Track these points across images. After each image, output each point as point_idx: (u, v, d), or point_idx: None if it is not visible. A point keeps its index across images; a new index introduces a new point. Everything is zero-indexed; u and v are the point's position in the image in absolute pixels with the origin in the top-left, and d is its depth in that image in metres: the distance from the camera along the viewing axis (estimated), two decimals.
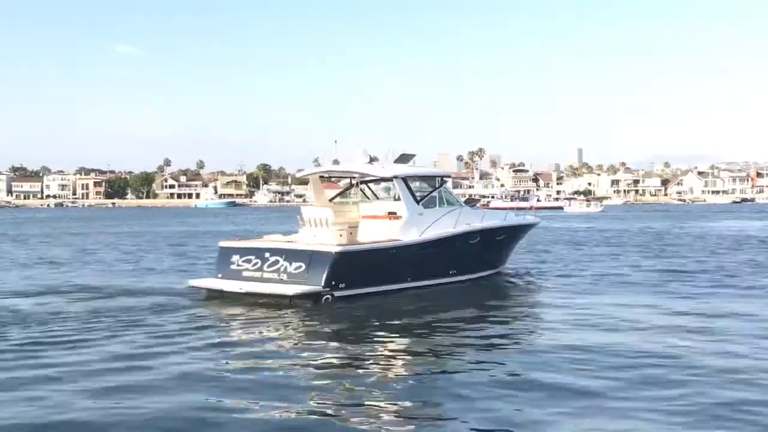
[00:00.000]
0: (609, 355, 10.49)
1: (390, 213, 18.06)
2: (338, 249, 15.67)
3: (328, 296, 15.38)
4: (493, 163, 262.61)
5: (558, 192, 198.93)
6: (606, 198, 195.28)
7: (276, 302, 15.08)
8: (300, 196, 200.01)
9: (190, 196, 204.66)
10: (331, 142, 18.83)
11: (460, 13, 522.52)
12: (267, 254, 16.21)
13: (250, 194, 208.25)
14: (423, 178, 19.05)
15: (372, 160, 18.65)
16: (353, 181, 19.36)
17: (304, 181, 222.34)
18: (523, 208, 25.58)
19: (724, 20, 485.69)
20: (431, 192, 18.53)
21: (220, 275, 16.64)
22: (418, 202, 17.98)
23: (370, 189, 19.48)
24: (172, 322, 13.20)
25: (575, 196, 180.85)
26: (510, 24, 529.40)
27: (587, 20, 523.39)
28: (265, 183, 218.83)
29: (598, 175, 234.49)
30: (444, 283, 17.85)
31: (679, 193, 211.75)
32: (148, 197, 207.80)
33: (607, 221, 68.52)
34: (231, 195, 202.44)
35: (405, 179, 18.06)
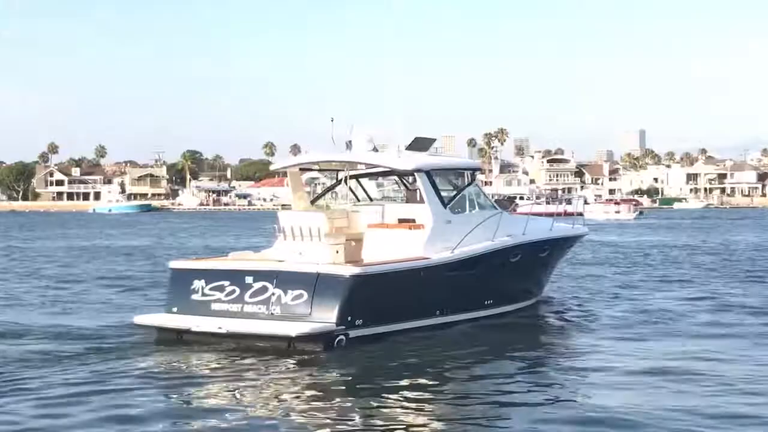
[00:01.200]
0: None
1: (404, 220, 18.48)
2: (356, 270, 15.92)
3: (342, 337, 15.67)
4: (520, 151, 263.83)
5: (611, 191, 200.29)
6: (680, 200, 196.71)
7: (267, 347, 15.30)
8: (244, 196, 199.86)
9: (86, 196, 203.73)
10: (301, 122, 19.68)
11: None
12: (249, 278, 16.38)
13: (173, 194, 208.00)
14: (452, 171, 19.57)
15: (375, 148, 19.16)
16: (340, 176, 19.81)
17: (249, 176, 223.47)
18: (560, 214, 26.65)
19: None
20: (461, 191, 19.02)
21: (175, 309, 16.88)
22: (445, 205, 18.36)
23: (362, 187, 20.09)
24: (104, 382, 13.02)
25: (633, 196, 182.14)
26: None
27: None
28: (194, 178, 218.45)
29: (668, 166, 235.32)
30: (477, 318, 18.54)
31: None
32: (26, 198, 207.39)
33: (643, 232, 69.75)
34: (145, 195, 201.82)
35: (429, 173, 18.30)
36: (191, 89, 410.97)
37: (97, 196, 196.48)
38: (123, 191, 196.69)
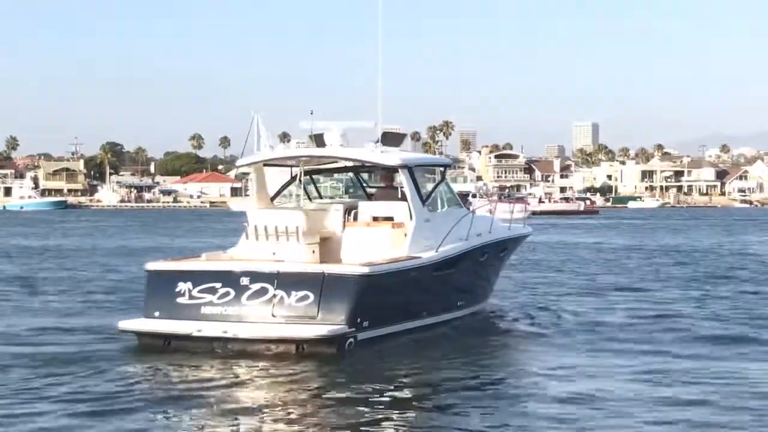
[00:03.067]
0: None
1: (379, 218, 18.99)
2: (364, 270, 16.48)
3: (352, 339, 16.22)
4: (466, 145, 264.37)
5: (563, 189, 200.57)
6: (635, 198, 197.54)
7: (271, 353, 15.79)
8: (169, 192, 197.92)
9: None
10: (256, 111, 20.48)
11: None
12: (245, 279, 16.67)
13: (92, 189, 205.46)
14: (428, 168, 20.54)
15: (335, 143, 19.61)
16: (294, 172, 20.17)
17: (174, 171, 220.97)
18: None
19: None
20: (435, 188, 19.76)
21: (157, 314, 17.04)
22: (424, 203, 18.99)
23: (314, 184, 20.97)
24: (92, 396, 13.19)
25: (585, 194, 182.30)
26: None
27: None
28: (115, 172, 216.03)
29: (623, 163, 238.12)
30: (451, 319, 19.51)
31: (743, 191, 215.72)
32: None
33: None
34: (61, 191, 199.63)
35: (411, 170, 18.96)
36: (116, 81, 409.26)
37: (8, 191, 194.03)
38: (36, 187, 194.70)
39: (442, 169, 20.61)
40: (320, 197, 21.12)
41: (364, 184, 22.04)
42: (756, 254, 45.21)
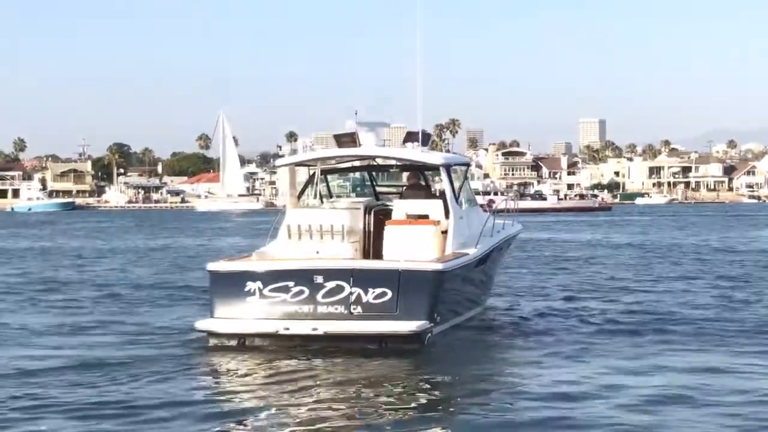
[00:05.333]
0: None
1: (414, 217, 19.17)
2: (439, 266, 16.92)
3: (430, 334, 16.66)
4: (473, 143, 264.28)
5: (570, 186, 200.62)
6: (642, 194, 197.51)
7: (350, 348, 16.07)
8: (177, 193, 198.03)
9: (4, 194, 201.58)
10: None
11: None
12: (319, 277, 16.83)
13: (99, 191, 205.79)
14: (458, 167, 20.78)
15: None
16: (311, 171, 20.46)
17: (182, 171, 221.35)
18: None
19: None
20: (460, 187, 20.04)
21: (226, 312, 17.19)
22: (457, 201, 19.38)
23: (326, 183, 20.97)
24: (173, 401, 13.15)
25: (593, 191, 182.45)
26: None
27: None
28: (122, 173, 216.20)
29: (630, 159, 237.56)
30: (476, 315, 20.26)
31: (751, 186, 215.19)
32: None
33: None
34: (69, 192, 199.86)
35: (449, 169, 19.51)
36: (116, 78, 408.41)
37: (16, 193, 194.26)
38: (44, 188, 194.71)
39: (464, 168, 21.18)
40: (330, 196, 21.23)
41: (375, 184, 22.31)
42: None
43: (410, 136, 20.16)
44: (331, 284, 16.68)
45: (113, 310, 22.80)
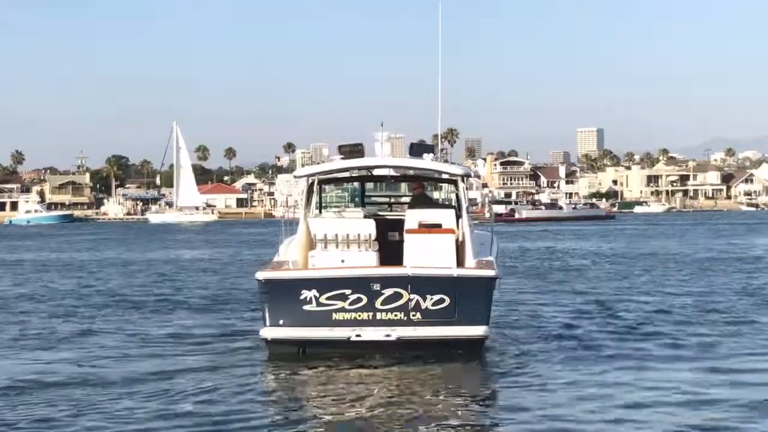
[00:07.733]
0: None
1: (428, 226, 19.21)
2: (492, 272, 17.15)
3: (486, 339, 16.99)
4: (471, 153, 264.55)
5: (570, 195, 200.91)
6: (641, 203, 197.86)
7: (416, 356, 16.39)
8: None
9: (2, 206, 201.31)
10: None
11: None
12: (376, 285, 16.99)
13: (98, 203, 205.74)
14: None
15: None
16: (310, 180, 20.48)
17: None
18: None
19: None
20: (465, 197, 20.19)
21: (281, 321, 17.23)
22: (467, 210, 19.64)
23: (319, 195, 21.13)
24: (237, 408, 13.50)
25: (592, 200, 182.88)
26: None
27: None
28: (120, 185, 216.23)
29: (628, 168, 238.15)
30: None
31: (749, 194, 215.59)
32: None
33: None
34: (66, 205, 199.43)
35: (465, 179, 20.07)
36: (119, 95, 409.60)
37: (14, 206, 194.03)
38: (42, 201, 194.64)
39: (467, 179, 21.17)
40: (322, 207, 21.42)
41: (366, 194, 22.64)
42: None
43: (421, 148, 20.15)
44: (388, 291, 16.92)
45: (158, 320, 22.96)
